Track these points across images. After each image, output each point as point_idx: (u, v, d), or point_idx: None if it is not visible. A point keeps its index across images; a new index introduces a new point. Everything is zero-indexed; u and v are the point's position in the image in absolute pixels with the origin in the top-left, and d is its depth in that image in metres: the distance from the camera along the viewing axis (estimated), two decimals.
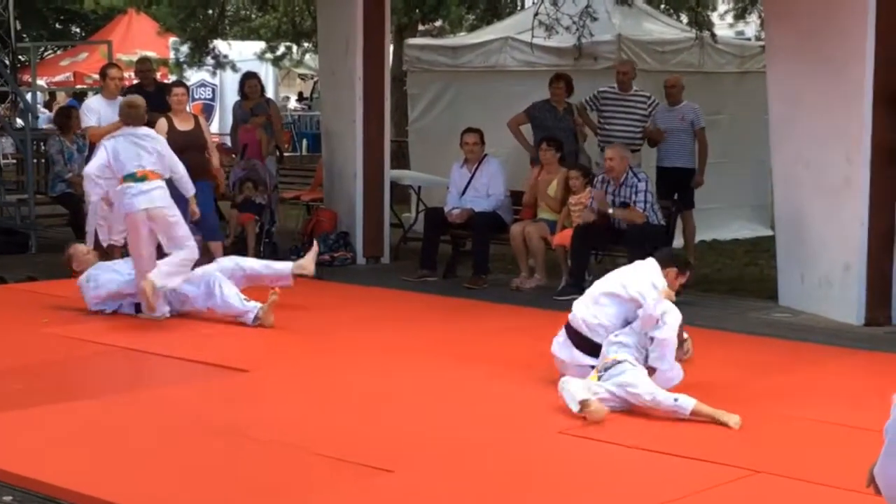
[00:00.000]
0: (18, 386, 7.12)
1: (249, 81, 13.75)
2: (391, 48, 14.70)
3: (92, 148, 11.07)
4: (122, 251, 11.08)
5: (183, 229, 9.25)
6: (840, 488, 5.06)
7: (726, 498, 5.27)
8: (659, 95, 12.19)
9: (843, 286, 9.20)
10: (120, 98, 11.17)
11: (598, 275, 10.81)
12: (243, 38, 21.48)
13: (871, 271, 9.13)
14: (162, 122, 11.05)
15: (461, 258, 11.55)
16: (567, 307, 9.66)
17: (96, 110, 11.16)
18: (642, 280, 6.93)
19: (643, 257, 10.06)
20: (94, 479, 5.32)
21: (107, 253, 11.06)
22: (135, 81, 14.02)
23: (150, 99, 12.36)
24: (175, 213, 9.18)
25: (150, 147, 9.23)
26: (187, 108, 11.61)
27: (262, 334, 8.62)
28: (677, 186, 11.77)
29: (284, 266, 9.65)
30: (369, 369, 7.62)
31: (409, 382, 7.31)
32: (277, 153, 13.36)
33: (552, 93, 12.04)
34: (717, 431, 6.35)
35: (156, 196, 9.08)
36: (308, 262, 9.59)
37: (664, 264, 7.07)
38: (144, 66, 14.46)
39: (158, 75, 16.80)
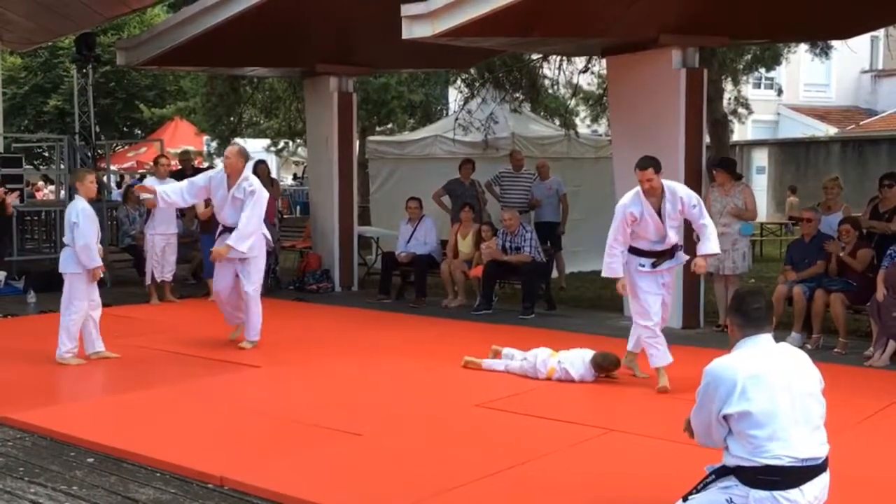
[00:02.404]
0: (99, 379, 6.99)
1: (260, 166, 13.54)
2: (358, 143, 14.67)
3: (149, 212, 10.90)
4: (170, 286, 10.96)
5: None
6: (668, 440, 5.09)
7: (590, 449, 5.27)
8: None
9: None
10: (168, 178, 11.02)
11: (502, 298, 10.94)
12: (255, 136, 21.34)
13: (686, 292, 9.17)
14: None
15: (407, 286, 11.48)
16: (480, 319, 9.73)
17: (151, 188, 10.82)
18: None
19: (533, 286, 10.21)
20: (154, 444, 5.20)
21: (159, 286, 10.92)
22: (178, 167, 13.83)
23: None
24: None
25: None
26: None
27: (267, 340, 8.44)
28: (548, 235, 11.72)
29: (256, 330, 8.06)
30: (345, 362, 7.53)
31: (374, 371, 7.24)
32: (279, 215, 13.25)
33: (461, 172, 12.05)
34: (580, 401, 6.36)
35: None
36: (248, 346, 8.04)
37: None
38: (185, 157, 14.27)
39: (196, 162, 16.59)
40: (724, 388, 3.41)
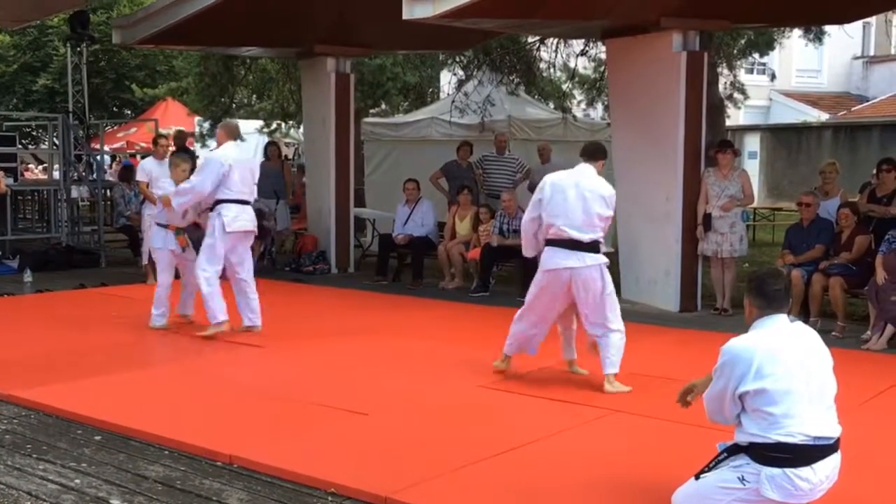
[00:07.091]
0: (101, 358, 6.99)
1: (271, 147, 13.54)
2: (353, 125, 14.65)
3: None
4: None
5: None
6: (673, 421, 5.12)
7: (597, 430, 5.32)
8: (535, 157, 12.27)
9: (665, 285, 9.31)
10: (166, 159, 10.90)
11: (499, 280, 10.95)
12: (247, 117, 21.21)
13: (683, 276, 9.25)
14: None
15: (404, 268, 11.50)
16: (478, 301, 9.76)
17: (148, 170, 10.36)
18: None
19: (530, 270, 10.19)
20: (160, 423, 5.22)
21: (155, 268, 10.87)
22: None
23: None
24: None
25: None
26: None
27: (269, 321, 8.45)
28: None
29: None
30: (347, 343, 7.55)
31: (376, 352, 7.26)
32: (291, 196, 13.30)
33: (459, 155, 12.04)
34: (584, 382, 6.39)
35: None
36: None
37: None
38: (180, 136, 14.10)
39: (186, 144, 16.48)
40: (740, 366, 3.44)
